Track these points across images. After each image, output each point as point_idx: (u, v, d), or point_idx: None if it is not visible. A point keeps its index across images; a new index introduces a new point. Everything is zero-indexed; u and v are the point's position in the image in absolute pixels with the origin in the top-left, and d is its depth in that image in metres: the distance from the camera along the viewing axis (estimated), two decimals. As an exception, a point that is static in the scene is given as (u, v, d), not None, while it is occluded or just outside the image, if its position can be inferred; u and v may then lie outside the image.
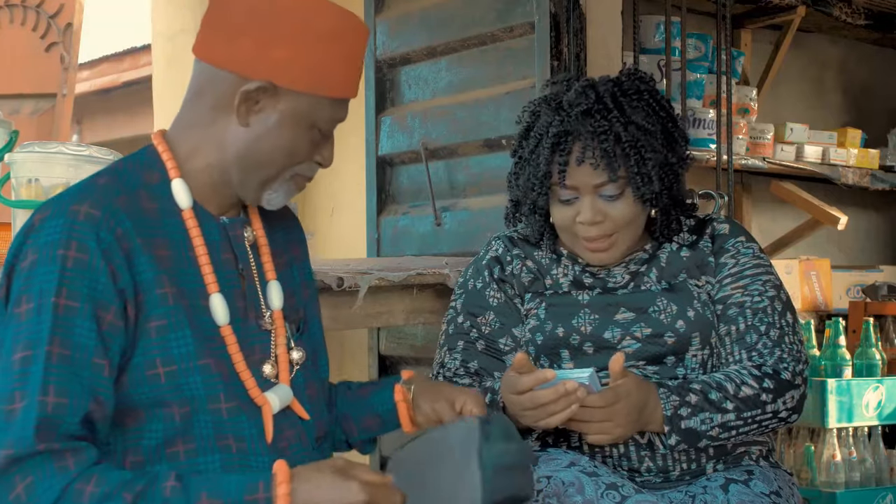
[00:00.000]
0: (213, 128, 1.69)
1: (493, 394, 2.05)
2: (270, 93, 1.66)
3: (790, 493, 2.10)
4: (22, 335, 1.54)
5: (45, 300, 1.54)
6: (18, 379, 1.52)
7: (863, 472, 3.50)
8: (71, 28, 4.91)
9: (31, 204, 2.26)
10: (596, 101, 2.08)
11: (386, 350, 3.51)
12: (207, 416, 1.63)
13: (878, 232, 5.25)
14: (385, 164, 3.57)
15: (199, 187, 1.71)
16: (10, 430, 1.50)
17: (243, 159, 1.69)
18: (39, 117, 4.87)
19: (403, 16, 3.51)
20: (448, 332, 2.22)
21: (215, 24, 1.69)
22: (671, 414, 1.98)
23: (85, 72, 7.96)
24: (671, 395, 1.99)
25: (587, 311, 2.13)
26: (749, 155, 4.22)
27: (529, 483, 1.68)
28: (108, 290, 1.57)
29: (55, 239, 1.57)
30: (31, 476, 1.48)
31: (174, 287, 1.63)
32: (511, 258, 2.22)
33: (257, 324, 1.74)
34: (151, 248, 1.62)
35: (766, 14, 4.50)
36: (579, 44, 3.03)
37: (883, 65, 5.22)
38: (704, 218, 2.25)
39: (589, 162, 2.05)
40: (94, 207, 1.59)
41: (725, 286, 2.16)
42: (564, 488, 1.92)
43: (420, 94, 3.49)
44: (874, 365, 3.60)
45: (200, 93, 1.71)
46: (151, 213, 1.65)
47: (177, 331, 1.61)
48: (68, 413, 1.52)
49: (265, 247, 1.79)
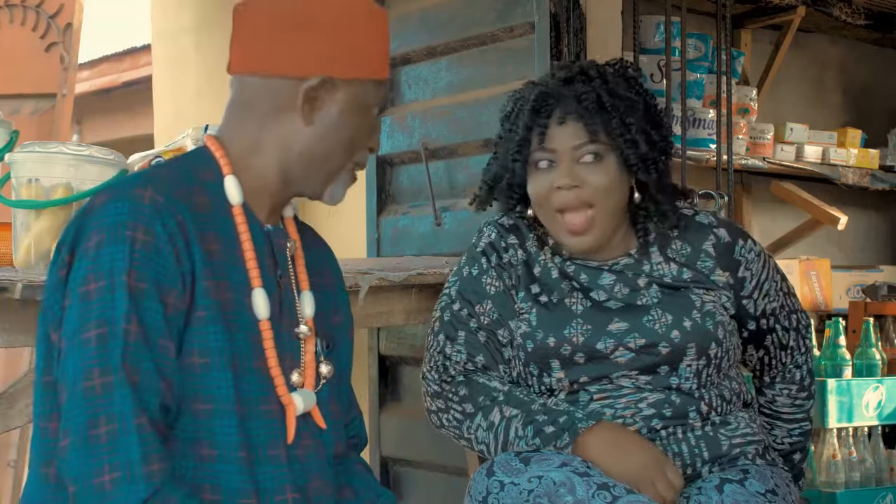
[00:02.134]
0: (272, 131, 1.71)
1: (576, 421, 2.01)
2: (329, 87, 1.69)
3: (787, 490, 2.08)
4: (94, 312, 1.55)
5: (117, 279, 1.55)
6: (96, 356, 1.53)
7: (863, 472, 3.49)
8: (71, 28, 4.91)
9: (31, 204, 2.26)
10: (579, 72, 2.10)
11: (386, 350, 3.51)
12: (233, 420, 1.62)
13: (878, 232, 5.25)
14: (385, 164, 3.58)
15: (249, 189, 1.72)
16: (100, 404, 1.51)
17: (310, 156, 1.72)
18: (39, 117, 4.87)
19: (403, 16, 3.51)
20: (443, 319, 2.17)
21: (249, 36, 1.72)
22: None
23: (85, 72, 7.96)
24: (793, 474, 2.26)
25: (580, 320, 2.10)
26: (749, 155, 4.22)
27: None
28: (172, 274, 1.59)
29: (122, 220, 1.57)
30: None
31: (219, 281, 1.64)
32: (507, 245, 2.19)
33: (291, 332, 1.75)
34: (203, 240, 1.64)
35: (766, 14, 4.49)
36: (579, 44, 3.03)
37: (883, 65, 5.22)
38: (694, 216, 2.21)
39: (570, 117, 2.05)
40: (157, 193, 1.61)
41: (758, 301, 2.24)
42: (555, 488, 1.91)
43: (420, 94, 3.49)
44: (874, 365, 3.60)
45: (250, 105, 1.73)
46: (205, 207, 1.67)
47: (215, 324, 1.62)
48: (146, 392, 1.54)
49: (301, 258, 1.81)
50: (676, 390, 2.09)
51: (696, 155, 3.80)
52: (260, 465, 1.65)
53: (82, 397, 1.52)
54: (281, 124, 1.71)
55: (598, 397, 2.09)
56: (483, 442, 2.08)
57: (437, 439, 3.33)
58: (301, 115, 1.70)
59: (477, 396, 2.10)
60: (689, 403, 2.09)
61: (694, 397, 2.09)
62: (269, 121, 1.71)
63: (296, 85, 1.69)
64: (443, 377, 2.14)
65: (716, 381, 2.13)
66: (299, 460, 1.69)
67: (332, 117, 1.71)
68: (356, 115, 1.73)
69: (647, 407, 2.07)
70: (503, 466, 2.00)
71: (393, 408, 3.53)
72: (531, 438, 2.02)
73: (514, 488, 1.95)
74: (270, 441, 1.67)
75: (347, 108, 1.72)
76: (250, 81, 1.72)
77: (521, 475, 1.96)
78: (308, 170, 1.74)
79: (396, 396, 3.54)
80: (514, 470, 1.98)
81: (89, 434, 1.51)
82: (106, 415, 1.52)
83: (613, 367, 2.08)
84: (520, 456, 2.00)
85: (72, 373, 1.54)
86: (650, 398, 2.08)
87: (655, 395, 2.08)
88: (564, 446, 1.99)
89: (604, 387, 2.09)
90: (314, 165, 1.73)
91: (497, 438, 2.06)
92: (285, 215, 1.83)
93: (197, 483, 1.61)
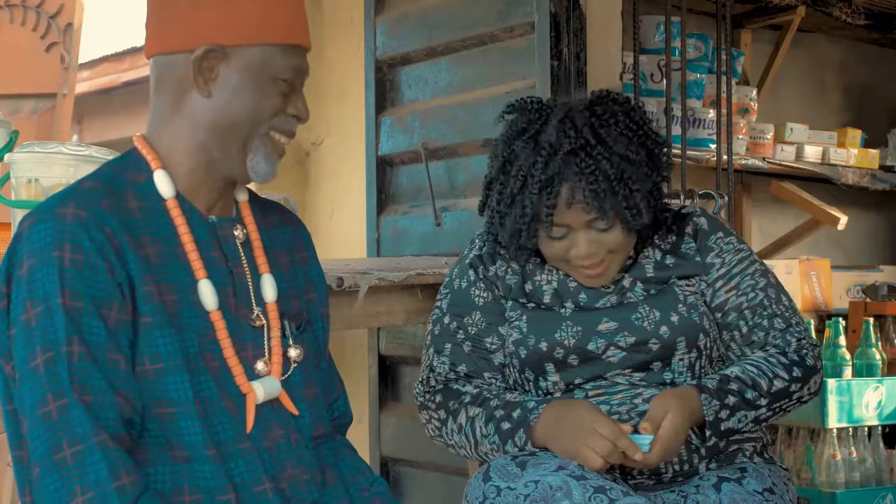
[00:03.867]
0: (181, 112, 1.72)
1: (527, 413, 2.03)
2: (220, 55, 1.69)
3: (785, 489, 2.08)
4: (37, 339, 1.55)
5: (53, 302, 1.55)
6: (46, 381, 1.53)
7: (863, 472, 3.50)
8: (71, 28, 4.90)
9: (31, 204, 2.26)
10: (576, 136, 2.04)
11: (386, 350, 3.51)
12: (195, 420, 1.62)
13: (878, 232, 5.25)
14: (385, 164, 3.57)
15: (184, 179, 1.72)
16: (59, 428, 1.51)
17: (216, 128, 1.71)
18: (39, 117, 4.86)
19: (403, 16, 3.51)
20: (434, 333, 2.21)
21: (152, 21, 1.74)
22: (713, 419, 2.00)
23: (85, 72, 7.95)
24: (712, 399, 2.01)
25: (569, 323, 2.11)
26: (749, 155, 4.22)
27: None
28: (108, 287, 1.58)
29: (48, 242, 1.57)
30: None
31: (161, 284, 1.63)
32: (495, 257, 2.20)
33: (248, 321, 1.74)
34: (138, 246, 1.63)
35: (766, 14, 4.50)
36: (579, 44, 3.03)
37: (883, 65, 5.22)
38: (679, 211, 2.23)
39: (579, 203, 2.04)
40: (79, 209, 1.60)
41: (719, 291, 2.16)
42: (552, 492, 1.90)
43: (420, 94, 3.49)
44: (874, 365, 3.60)
45: (159, 87, 1.74)
46: (137, 212, 1.66)
47: (162, 328, 1.62)
48: (101, 409, 1.53)
49: (257, 241, 1.79)
50: (671, 385, 2.09)
51: (696, 155, 3.80)
52: (232, 460, 1.64)
53: (42, 424, 1.52)
54: (187, 102, 1.71)
55: (592, 394, 2.09)
56: (461, 445, 2.11)
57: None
58: (198, 88, 1.70)
59: (448, 401, 2.13)
60: None
61: None
62: (177, 101, 1.72)
63: (188, 58, 1.69)
64: (425, 388, 2.18)
65: (709, 372, 2.13)
66: (269, 451, 1.69)
67: (231, 85, 1.70)
68: (257, 81, 1.70)
69: (643, 402, 2.07)
70: (499, 471, 2.00)
71: (393, 408, 3.53)
72: (492, 436, 2.04)
73: (510, 493, 1.95)
74: (237, 435, 1.66)
75: (246, 76, 1.70)
76: (155, 63, 1.74)
77: (517, 480, 1.96)
78: (221, 144, 1.72)
79: (396, 396, 3.54)
80: (510, 475, 1.98)
81: (55, 459, 1.51)
82: (67, 438, 1.52)
83: (607, 366, 2.09)
84: (516, 460, 2.00)
85: (28, 401, 1.54)
86: (645, 394, 2.08)
87: (651, 391, 2.08)
88: (523, 444, 2.01)
89: (598, 384, 2.10)
90: (224, 138, 1.71)
91: (469, 440, 2.08)
92: (238, 199, 1.82)
93: (176, 486, 1.60)
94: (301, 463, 1.73)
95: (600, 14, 3.10)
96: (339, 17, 3.98)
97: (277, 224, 1.87)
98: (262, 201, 1.88)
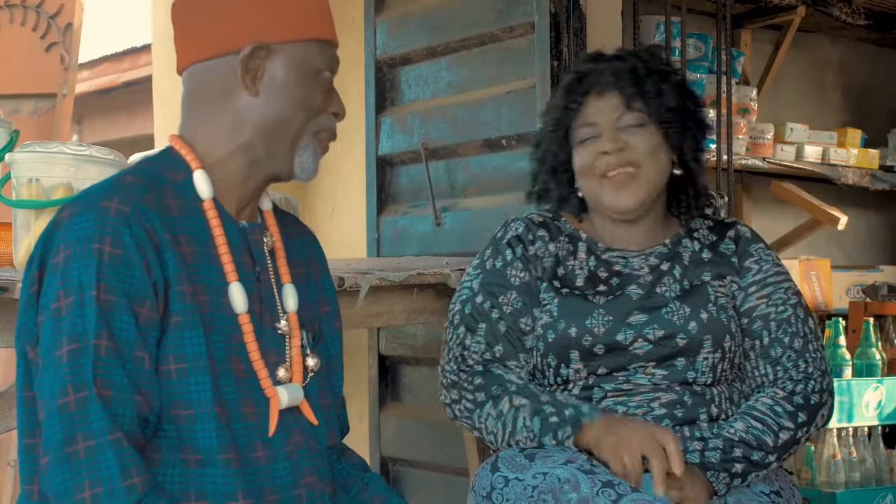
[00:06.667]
0: (224, 114, 1.72)
1: (580, 414, 2.02)
2: (265, 53, 1.69)
3: (791, 493, 2.10)
4: (65, 329, 1.54)
5: (86, 294, 1.54)
6: (69, 372, 1.52)
7: (863, 472, 3.50)
8: (71, 28, 4.91)
9: (31, 204, 2.26)
10: (615, 53, 2.20)
11: (386, 350, 3.51)
12: (212, 423, 1.61)
13: (878, 232, 5.25)
14: (385, 164, 3.58)
15: (220, 182, 1.72)
16: (76, 420, 1.51)
17: (266, 126, 1.71)
18: (39, 117, 4.87)
19: (403, 16, 3.51)
20: (464, 312, 2.17)
21: (187, 29, 1.74)
22: (725, 490, 2.01)
23: (85, 72, 7.96)
24: (719, 473, 2.00)
25: (601, 311, 2.12)
26: (749, 155, 4.22)
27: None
28: (143, 285, 1.58)
29: (88, 233, 1.56)
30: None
31: (194, 284, 1.63)
32: (534, 238, 2.20)
33: (273, 327, 1.74)
34: (176, 244, 1.63)
35: (766, 14, 4.49)
36: (579, 44, 3.03)
37: (883, 65, 5.22)
38: (724, 220, 2.28)
39: (607, 93, 2.13)
40: (123, 203, 1.59)
41: (751, 295, 2.18)
42: (560, 485, 1.91)
43: (420, 94, 3.49)
44: (874, 365, 3.60)
45: (198, 93, 1.73)
46: (176, 209, 1.66)
47: (192, 329, 1.61)
48: (119, 406, 1.53)
49: (281, 250, 1.80)
50: (690, 387, 2.10)
51: (696, 155, 3.80)
52: (248, 466, 1.64)
53: (58, 414, 1.52)
54: (232, 104, 1.71)
55: (611, 394, 2.09)
56: (492, 431, 2.08)
57: (437, 439, 3.34)
58: (245, 88, 1.70)
59: (490, 386, 2.10)
60: (700, 405, 2.10)
61: (705, 398, 2.10)
62: (221, 104, 1.71)
63: (233, 59, 1.69)
64: (461, 367, 2.14)
65: (729, 377, 2.14)
66: (288, 457, 1.68)
67: (278, 82, 1.71)
68: (303, 76, 1.72)
69: (659, 407, 2.08)
70: (508, 462, 2.00)
71: (393, 408, 3.53)
72: (534, 428, 2.02)
73: (518, 484, 1.96)
74: (257, 441, 1.66)
75: (292, 73, 1.71)
76: (193, 72, 1.73)
77: (525, 471, 1.96)
78: (269, 143, 1.72)
79: (396, 396, 3.54)
80: (518, 466, 1.98)
81: (67, 451, 1.51)
82: (82, 431, 1.51)
83: (631, 358, 2.10)
84: (524, 452, 2.00)
85: (48, 390, 1.54)
86: (663, 398, 2.09)
87: (668, 395, 2.09)
88: (566, 438, 1.99)
89: (619, 385, 2.10)
90: (273, 136, 1.72)
91: (505, 427, 2.06)
92: (263, 208, 1.82)
93: (183, 490, 1.60)
94: (317, 471, 1.74)
95: (600, 14, 3.10)
96: (339, 17, 3.93)
97: (295, 235, 1.87)
98: (280, 211, 1.88)
